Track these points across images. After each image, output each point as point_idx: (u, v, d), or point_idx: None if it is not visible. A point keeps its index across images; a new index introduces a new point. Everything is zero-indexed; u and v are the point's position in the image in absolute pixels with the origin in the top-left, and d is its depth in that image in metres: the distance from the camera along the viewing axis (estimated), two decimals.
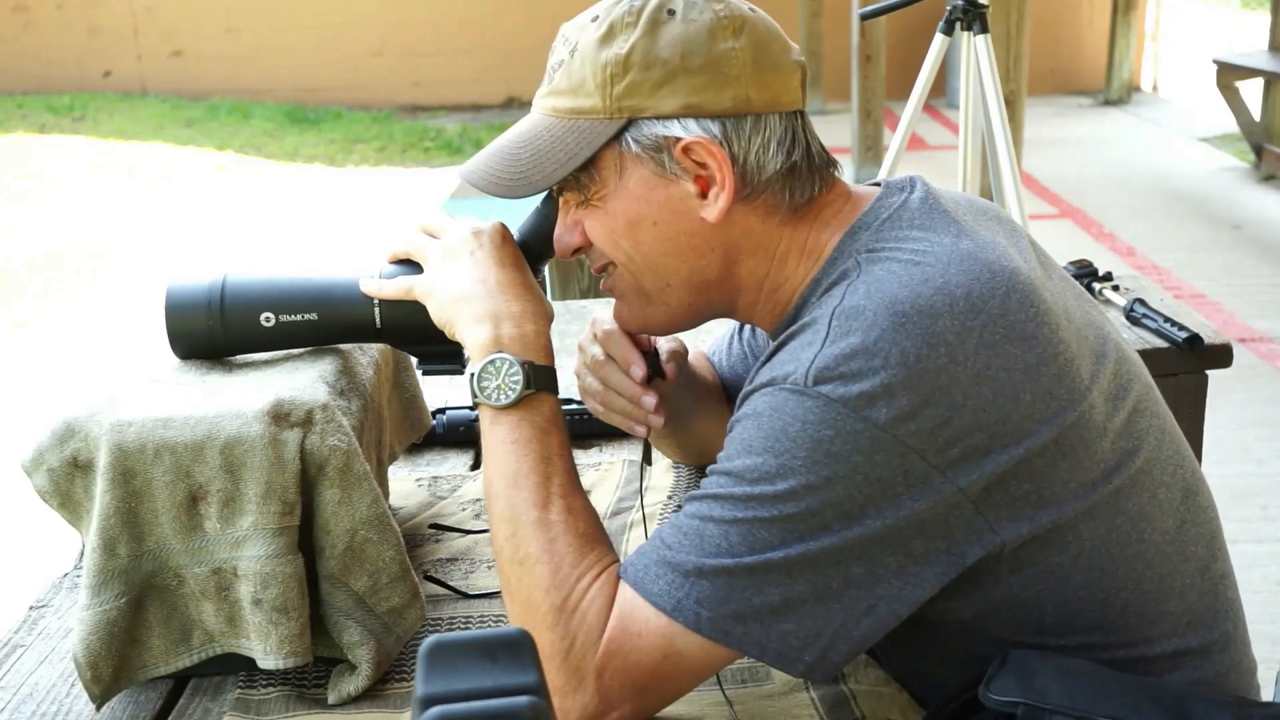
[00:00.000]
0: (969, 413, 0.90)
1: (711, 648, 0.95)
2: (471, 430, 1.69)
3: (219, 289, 1.20)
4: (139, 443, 1.10)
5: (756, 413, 0.95)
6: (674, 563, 0.95)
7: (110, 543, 1.10)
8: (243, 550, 1.11)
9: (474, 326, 1.08)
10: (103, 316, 6.09)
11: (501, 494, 1.04)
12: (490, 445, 1.06)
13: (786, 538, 0.91)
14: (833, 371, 0.91)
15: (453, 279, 1.11)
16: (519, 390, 1.04)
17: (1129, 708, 0.99)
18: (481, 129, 10.48)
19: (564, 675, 0.97)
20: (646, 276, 1.08)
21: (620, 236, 1.07)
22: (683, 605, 0.94)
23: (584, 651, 0.97)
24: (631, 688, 0.97)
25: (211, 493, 1.10)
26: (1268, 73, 7.00)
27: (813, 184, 1.05)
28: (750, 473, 0.93)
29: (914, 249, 0.98)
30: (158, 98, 11.18)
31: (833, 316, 0.94)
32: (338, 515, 1.14)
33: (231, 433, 1.10)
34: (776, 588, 0.92)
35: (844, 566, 0.91)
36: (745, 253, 1.06)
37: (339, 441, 1.13)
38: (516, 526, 1.02)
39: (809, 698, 1.13)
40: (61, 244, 7.35)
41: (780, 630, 0.93)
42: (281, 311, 1.20)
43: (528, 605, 1.00)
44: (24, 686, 1.20)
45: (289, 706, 1.15)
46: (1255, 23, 11.00)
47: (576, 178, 1.06)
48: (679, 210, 1.04)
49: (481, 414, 1.07)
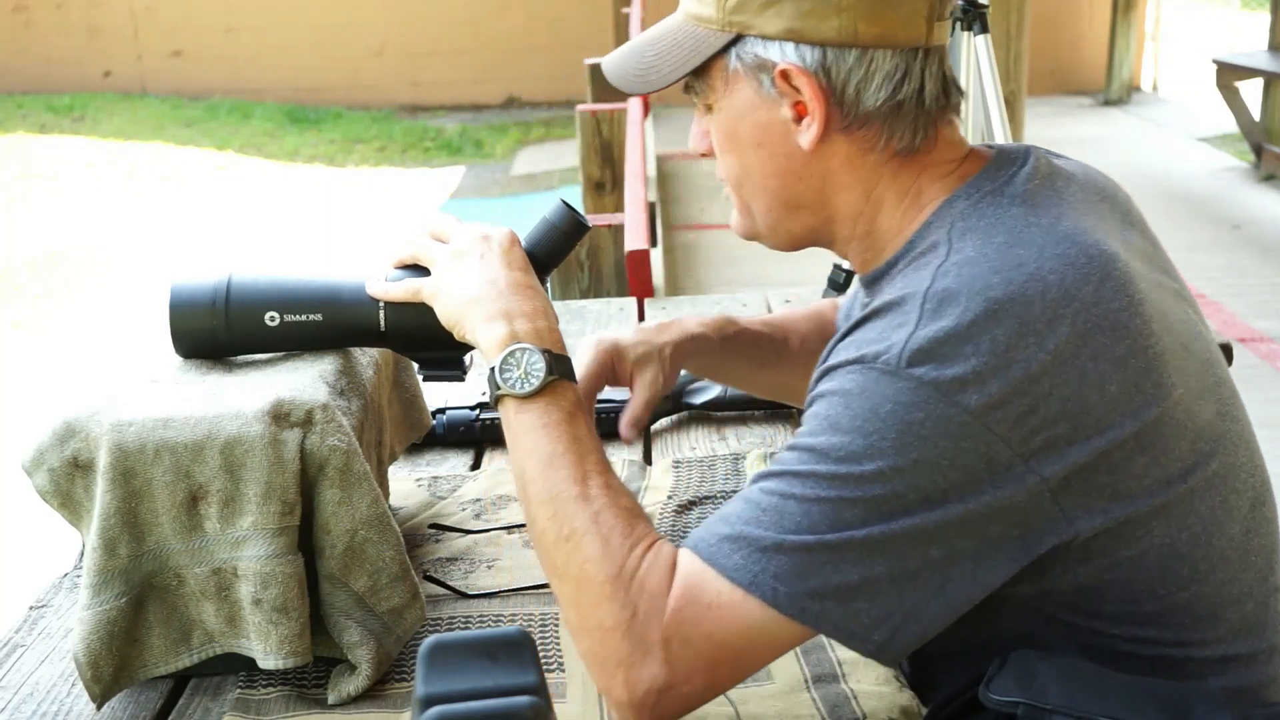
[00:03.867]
0: (1055, 402, 0.90)
1: (786, 624, 0.93)
2: (471, 430, 1.69)
3: (224, 287, 1.19)
4: (139, 443, 1.10)
5: (844, 390, 0.93)
6: (750, 538, 0.93)
7: (110, 543, 1.11)
8: (243, 550, 1.11)
9: (487, 325, 1.08)
10: (103, 316, 6.09)
11: (537, 477, 1.02)
12: (518, 434, 1.05)
13: (868, 518, 0.90)
14: (926, 355, 0.90)
15: (462, 280, 1.11)
16: (542, 376, 1.04)
17: (1129, 708, 0.98)
18: (482, 129, 10.48)
19: (629, 645, 0.94)
20: (751, 195, 1.09)
21: (729, 151, 1.08)
22: (760, 580, 0.92)
23: (648, 621, 0.94)
24: (703, 660, 0.94)
25: (211, 493, 1.11)
26: (1267, 73, 7.01)
27: (919, 128, 1.03)
28: (836, 451, 0.91)
29: (1010, 228, 0.96)
30: (158, 98, 11.18)
31: (925, 298, 0.92)
32: (338, 515, 1.14)
33: (232, 433, 1.10)
34: (855, 567, 0.90)
35: (921, 549, 0.90)
36: (842, 185, 1.05)
37: (339, 441, 1.13)
38: (558, 505, 1.00)
39: (810, 697, 1.13)
40: (61, 244, 7.35)
41: (855, 609, 0.91)
42: (286, 311, 1.19)
43: (580, 581, 0.98)
44: (24, 686, 1.20)
45: (289, 706, 1.15)
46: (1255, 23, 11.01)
47: (694, 82, 1.07)
48: (777, 133, 1.04)
49: (505, 407, 1.06)
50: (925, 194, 1.04)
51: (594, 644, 0.96)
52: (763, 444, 1.65)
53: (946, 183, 1.04)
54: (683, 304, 2.38)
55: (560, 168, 8.78)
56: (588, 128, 4.10)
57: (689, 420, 1.74)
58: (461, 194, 8.73)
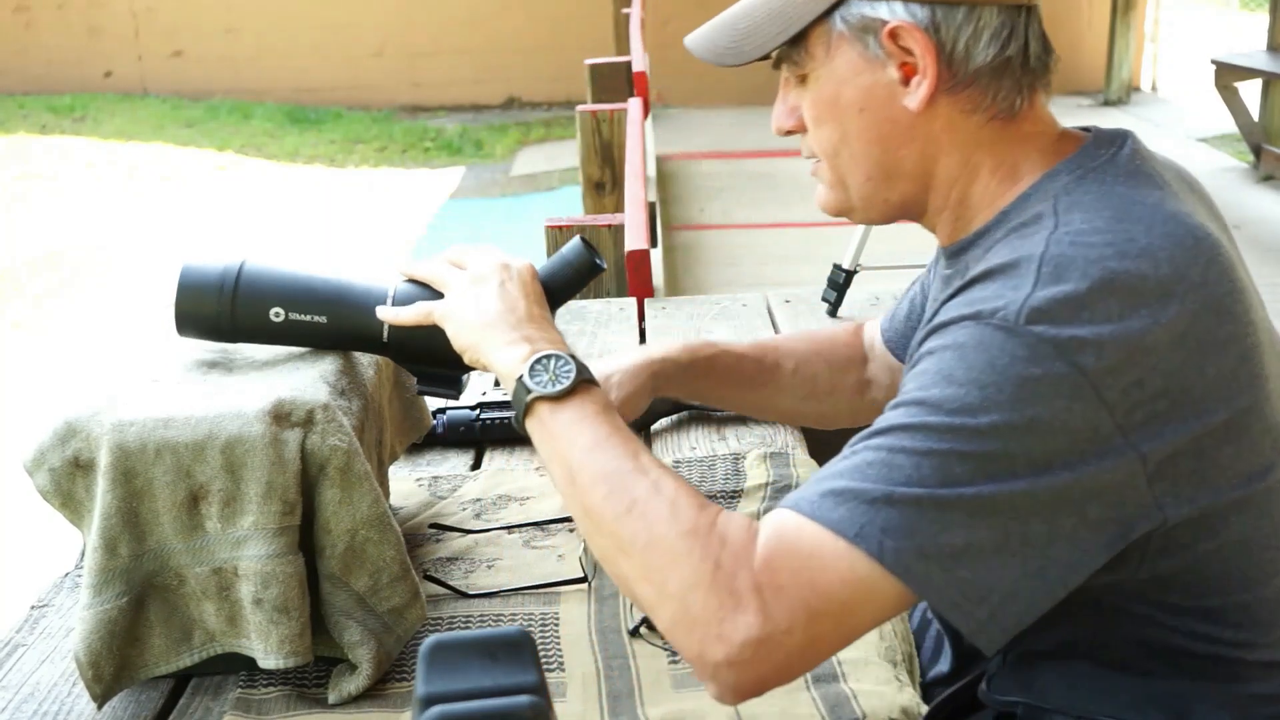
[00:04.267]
0: (1159, 377, 0.89)
1: (890, 584, 0.88)
2: (471, 430, 1.69)
3: (234, 274, 1.19)
4: (140, 442, 1.10)
5: (958, 344, 0.91)
6: (856, 491, 0.89)
7: (111, 542, 1.11)
8: (243, 550, 1.11)
9: (508, 348, 1.08)
10: (103, 316, 6.09)
11: (585, 462, 0.99)
12: (555, 433, 1.02)
13: (976, 476, 0.88)
14: (1045, 314, 0.89)
15: (480, 305, 1.12)
16: (574, 375, 1.03)
17: (1129, 708, 0.99)
18: (481, 129, 10.48)
19: (717, 598, 0.89)
20: (847, 167, 1.07)
21: (826, 121, 1.06)
22: (866, 532, 0.88)
23: (734, 570, 0.89)
24: (803, 610, 0.88)
25: (212, 492, 1.11)
26: (1266, 73, 7.01)
27: (1022, 89, 1.03)
28: (950, 403, 0.89)
29: (1117, 207, 0.96)
30: (158, 98, 11.18)
31: (1041, 262, 0.92)
32: (338, 515, 1.14)
33: (232, 432, 1.10)
34: (961, 529, 0.88)
35: (1024, 521, 0.89)
36: (942, 150, 1.04)
37: (340, 441, 1.13)
38: (612, 482, 0.97)
39: (810, 697, 1.13)
40: (62, 244, 7.35)
41: (958, 577, 0.88)
42: (292, 309, 1.19)
43: (650, 547, 0.93)
44: (25, 686, 1.20)
45: (289, 706, 1.16)
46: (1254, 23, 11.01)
47: (789, 52, 1.06)
48: (883, 97, 1.03)
49: (538, 413, 1.03)
50: (1022, 166, 1.03)
51: (677, 610, 0.91)
52: (763, 444, 1.65)
53: (1045, 157, 1.03)
54: (683, 304, 2.39)
55: (560, 168, 8.78)
56: (588, 128, 4.10)
57: (689, 420, 1.75)
58: (461, 194, 8.73)
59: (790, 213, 6.68)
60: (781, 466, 1.57)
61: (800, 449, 1.63)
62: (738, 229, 6.57)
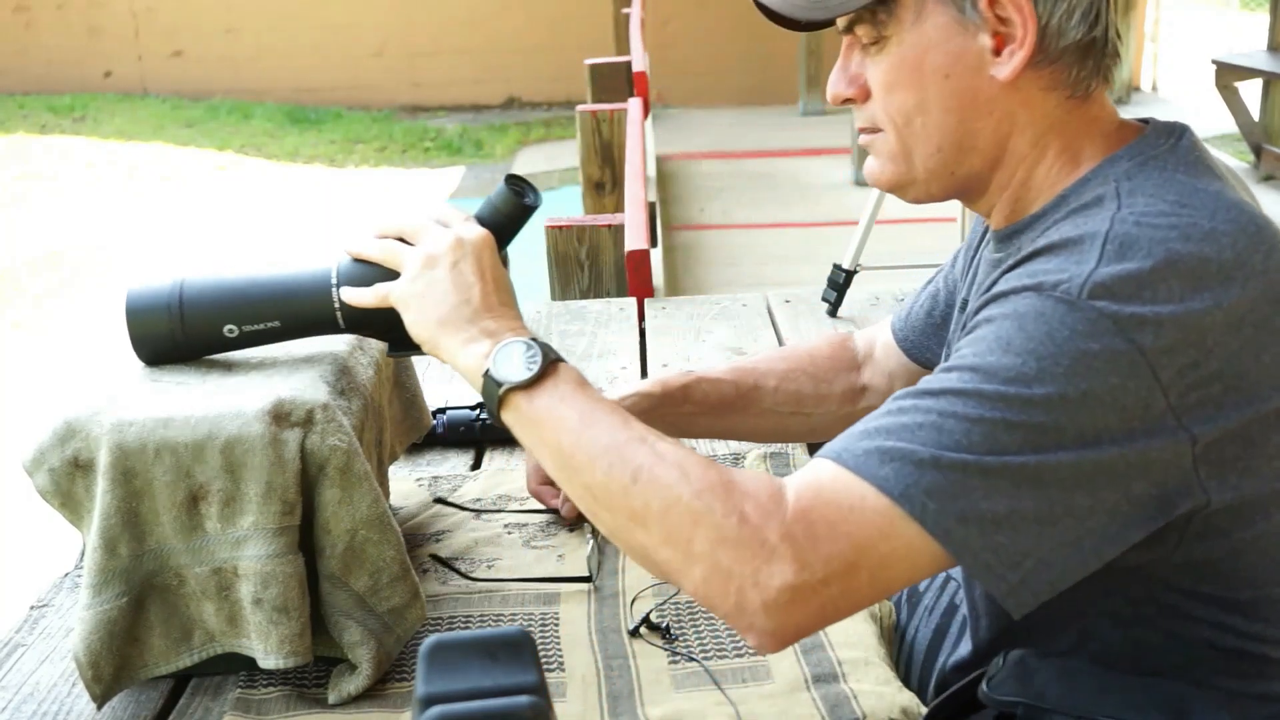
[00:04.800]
0: (1215, 360, 0.89)
1: (928, 545, 0.88)
2: (471, 430, 1.69)
3: (177, 298, 1.17)
4: (140, 442, 1.10)
5: (1018, 314, 0.91)
6: (904, 451, 0.88)
7: (111, 542, 1.11)
8: (243, 550, 1.11)
9: (467, 347, 1.05)
10: (103, 316, 6.09)
11: (577, 442, 0.97)
12: (538, 419, 1.00)
13: (1024, 447, 0.87)
14: (1107, 289, 0.89)
15: (434, 295, 1.08)
16: (540, 359, 1.00)
17: (1129, 707, 0.98)
18: (481, 129, 10.49)
19: (747, 549, 0.88)
20: (919, 137, 1.04)
21: (902, 87, 1.03)
22: (911, 493, 0.87)
23: (762, 521, 0.88)
24: (839, 560, 0.88)
25: (212, 492, 1.11)
26: (1266, 73, 7.01)
27: (1099, 70, 1.03)
28: (1006, 371, 0.89)
29: (1180, 192, 0.96)
30: (158, 98, 11.19)
31: (1106, 239, 0.91)
32: (338, 515, 1.14)
33: (232, 432, 1.10)
34: (1004, 497, 0.87)
35: (1068, 492, 0.88)
36: (1018, 127, 1.03)
37: (339, 441, 1.13)
38: (612, 455, 0.95)
39: (810, 697, 1.13)
40: (62, 244, 7.35)
41: (995, 542, 0.88)
42: (244, 322, 1.18)
43: (666, 511, 0.91)
44: (25, 686, 1.20)
45: (289, 706, 1.16)
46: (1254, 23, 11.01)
47: (873, 11, 1.01)
48: (971, 64, 1.01)
49: (513, 404, 1.01)
50: (1084, 151, 1.03)
51: (707, 567, 0.89)
52: (763, 444, 1.65)
53: (1106, 143, 1.03)
54: (683, 304, 2.39)
55: (560, 168, 8.78)
56: (588, 128, 4.10)
57: None
58: (461, 194, 8.73)
59: (790, 213, 6.68)
60: (781, 466, 1.57)
61: (800, 449, 1.63)
62: (738, 229, 6.57)
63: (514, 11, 11.02)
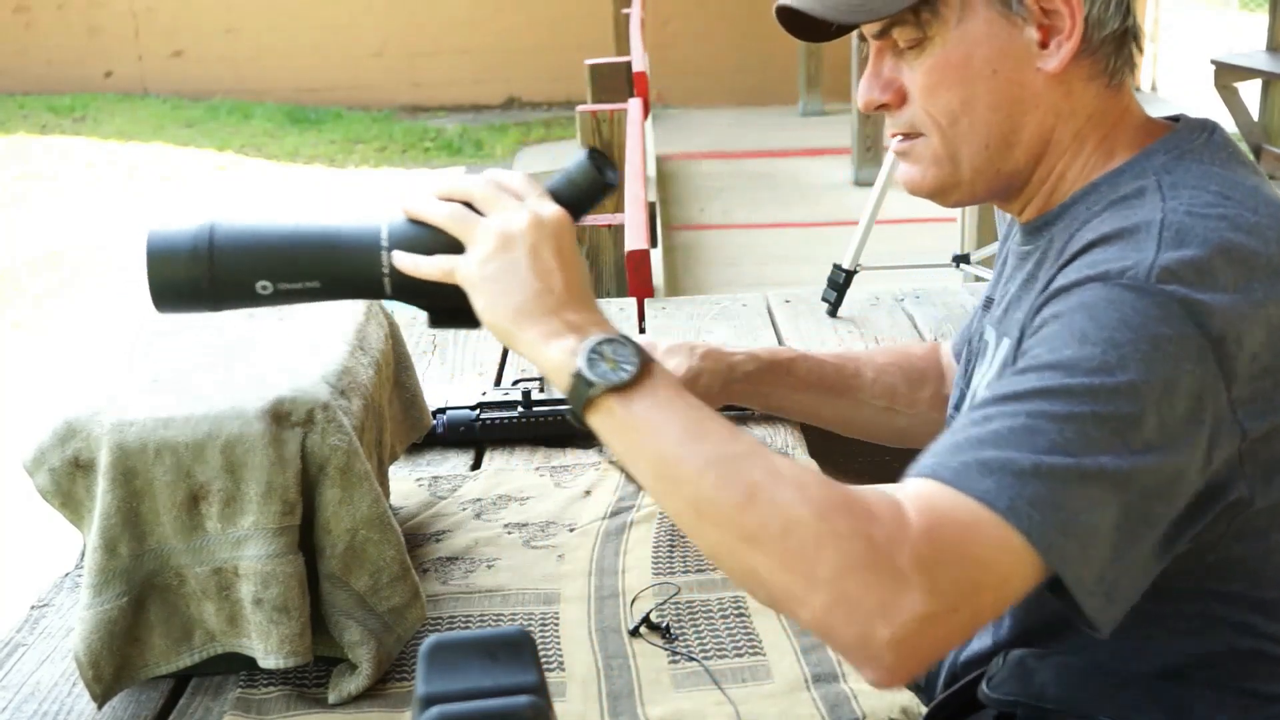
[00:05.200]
0: (1267, 355, 0.89)
1: (1033, 559, 0.83)
2: (471, 430, 1.69)
3: (206, 241, 1.01)
4: (140, 442, 1.10)
5: (1086, 305, 0.88)
6: (1002, 461, 0.84)
7: (111, 542, 1.11)
8: (244, 550, 1.11)
9: (551, 341, 0.93)
10: (103, 316, 6.09)
11: (682, 453, 0.88)
12: (635, 425, 0.90)
13: (1114, 443, 0.84)
14: (1174, 275, 0.87)
15: (512, 280, 0.96)
16: (636, 359, 0.91)
17: (1129, 707, 0.98)
18: (481, 129, 10.48)
19: (877, 575, 0.81)
20: (965, 136, 1.04)
21: (948, 86, 1.02)
22: (1016, 505, 0.82)
23: (891, 546, 0.81)
24: (968, 584, 0.82)
25: (212, 492, 1.11)
26: (1266, 73, 7.01)
27: (1131, 61, 1.03)
28: (1087, 362, 0.86)
29: (1221, 184, 0.95)
30: (158, 98, 11.18)
31: (1162, 227, 0.90)
32: (338, 515, 1.14)
33: (232, 432, 1.10)
34: (1100, 507, 0.84)
35: (1149, 500, 0.86)
36: (1062, 119, 1.03)
37: (340, 441, 1.13)
38: (723, 468, 0.87)
39: (810, 697, 1.13)
40: (62, 244, 7.35)
41: (1091, 555, 0.84)
42: (280, 279, 1.02)
43: (787, 533, 0.83)
44: (26, 685, 1.20)
45: (289, 706, 1.16)
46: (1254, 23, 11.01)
47: (916, 12, 1.00)
48: (1019, 58, 1.01)
49: (605, 407, 0.90)
50: (1118, 142, 1.03)
51: (833, 595, 0.81)
52: (762, 443, 1.65)
53: (1138, 136, 1.03)
54: (683, 304, 2.39)
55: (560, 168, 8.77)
56: (588, 128, 4.09)
57: None
58: None
59: (790, 213, 6.68)
60: None
61: (800, 449, 1.63)
62: (738, 229, 6.57)
63: (514, 11, 11.01)
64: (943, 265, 2.87)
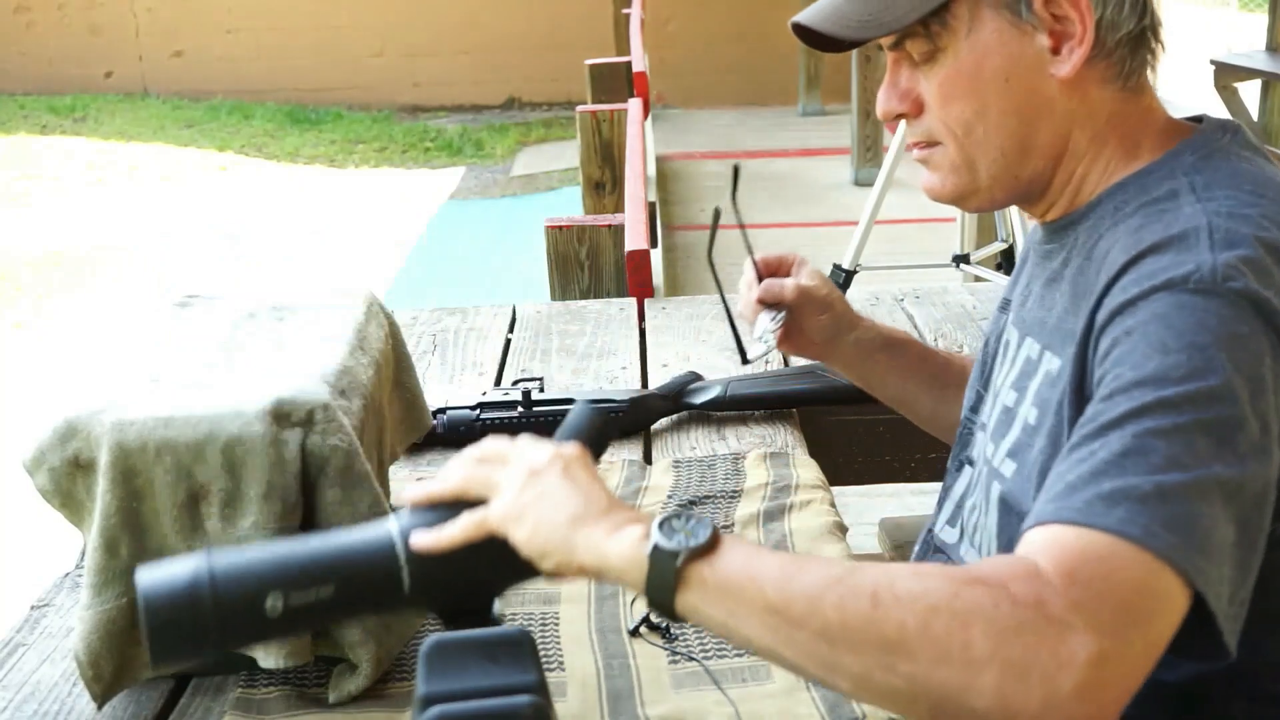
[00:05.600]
0: None
1: (1178, 585, 0.78)
2: (472, 430, 1.69)
3: (206, 571, 0.91)
4: (140, 442, 1.10)
5: (1159, 315, 0.86)
6: (1124, 489, 0.79)
7: (112, 542, 1.11)
8: None
9: (616, 536, 0.89)
10: (103, 316, 6.09)
11: (791, 591, 0.81)
12: (730, 582, 0.84)
13: (1222, 451, 0.81)
14: (1240, 272, 0.86)
15: (554, 498, 0.92)
16: (707, 524, 0.87)
17: (1130, 707, 0.98)
18: (482, 129, 10.49)
19: (1036, 632, 0.75)
20: (981, 144, 1.04)
21: (962, 96, 1.03)
22: (1152, 530, 0.78)
23: (1036, 600, 0.76)
24: (1129, 615, 0.76)
25: (213, 492, 1.11)
26: (1266, 73, 7.01)
27: (1150, 58, 1.03)
28: (1176, 371, 0.83)
29: (1253, 182, 0.95)
30: (159, 98, 11.19)
31: (1210, 230, 0.90)
32: (339, 515, 1.14)
33: (233, 432, 1.10)
34: (1221, 521, 0.80)
35: (1259, 508, 0.83)
36: (1078, 123, 1.03)
37: (340, 441, 1.13)
38: (840, 589, 0.80)
39: (810, 697, 1.13)
40: (62, 244, 7.35)
41: (1224, 575, 0.80)
42: (291, 587, 0.93)
43: (927, 623, 0.77)
44: (26, 685, 1.20)
45: (290, 706, 1.16)
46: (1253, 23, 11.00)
47: (925, 24, 1.01)
48: (1031, 65, 1.01)
49: (694, 577, 0.85)
50: (1142, 142, 1.03)
51: (999, 669, 0.74)
52: (763, 444, 1.65)
53: (1163, 136, 1.03)
54: (683, 304, 2.39)
55: (560, 168, 8.78)
56: (588, 128, 4.09)
57: (689, 420, 1.75)
58: (461, 194, 8.73)
59: (790, 213, 6.68)
60: (781, 466, 1.57)
61: (800, 449, 1.64)
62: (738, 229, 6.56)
63: (514, 11, 11.01)
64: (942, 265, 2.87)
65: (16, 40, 11.25)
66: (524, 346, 2.09)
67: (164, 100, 11.13)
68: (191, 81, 11.21)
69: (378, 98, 11.26)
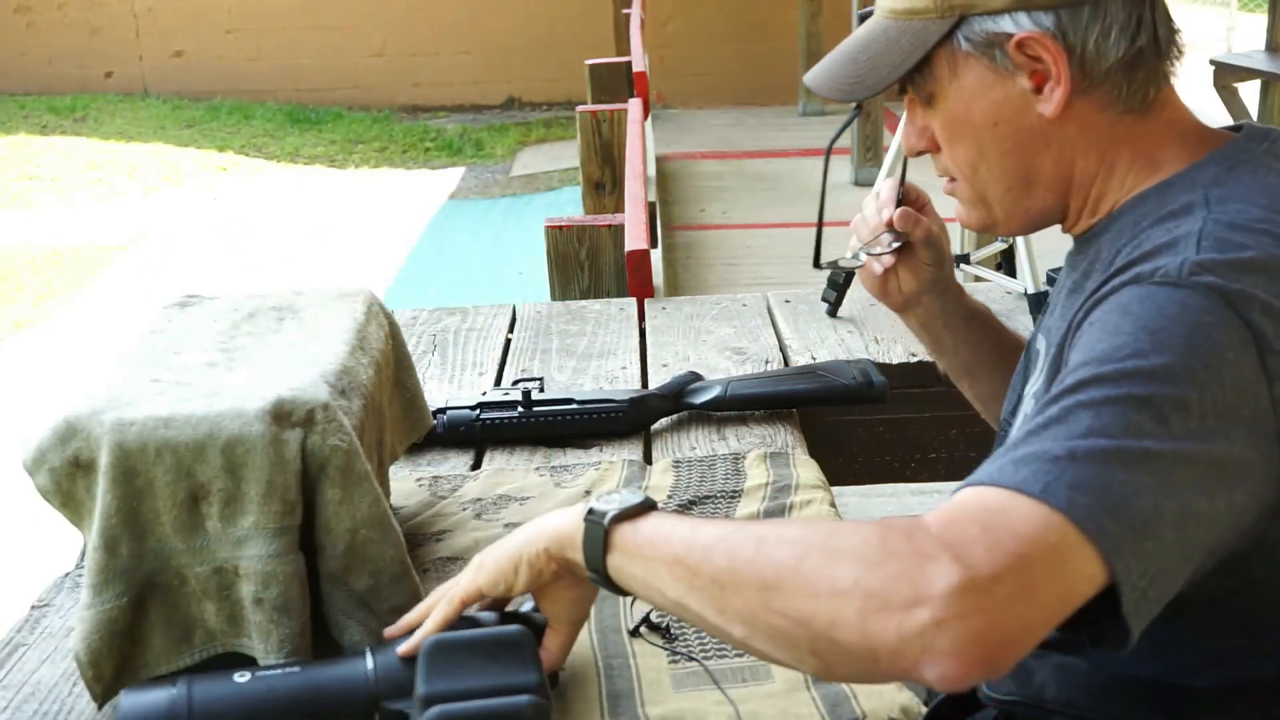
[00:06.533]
0: None
1: (1082, 545, 0.75)
2: (472, 430, 1.69)
3: (185, 701, 0.99)
4: (140, 442, 1.10)
5: (1120, 305, 0.87)
6: (1035, 452, 0.79)
7: (112, 542, 1.11)
8: (244, 550, 1.11)
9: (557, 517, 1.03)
10: (103, 316, 6.09)
11: (692, 542, 0.88)
12: (645, 543, 0.93)
13: (1157, 427, 0.79)
14: (1211, 268, 0.86)
15: (503, 544, 1.07)
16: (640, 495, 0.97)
17: (1129, 707, 0.99)
18: (481, 129, 10.49)
19: (898, 562, 0.75)
20: (987, 180, 1.07)
21: (959, 139, 1.06)
22: (1053, 487, 0.76)
23: (907, 537, 0.77)
24: (1003, 553, 0.74)
25: (213, 492, 1.11)
26: (1265, 73, 7.00)
27: (1154, 78, 1.03)
28: (1119, 351, 0.83)
29: (1270, 199, 0.94)
30: (159, 98, 11.19)
31: (1201, 235, 0.89)
32: (339, 515, 1.14)
33: (233, 432, 1.10)
34: (1146, 493, 0.78)
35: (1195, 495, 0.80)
36: (1079, 152, 1.04)
37: (340, 441, 1.13)
38: (733, 537, 0.86)
39: (810, 696, 1.13)
40: (62, 244, 7.36)
41: (1141, 548, 0.77)
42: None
43: (801, 561, 0.80)
44: (26, 685, 1.20)
45: None
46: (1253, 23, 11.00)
47: (913, 79, 1.06)
48: (1016, 107, 1.02)
49: (619, 537, 0.94)
50: (1162, 156, 1.03)
51: (858, 599, 0.76)
52: (763, 444, 1.65)
53: (1187, 147, 1.02)
54: (683, 304, 2.39)
55: (560, 168, 8.79)
56: (588, 128, 4.10)
57: (689, 420, 1.75)
58: (461, 194, 8.74)
59: (790, 213, 6.68)
60: (781, 466, 1.57)
61: (800, 449, 1.64)
62: (738, 229, 6.57)
63: (514, 12, 11.02)
64: None
65: (16, 40, 11.26)
66: (524, 346, 2.09)
67: (164, 100, 11.13)
68: (191, 82, 11.21)
69: (378, 98, 11.27)
